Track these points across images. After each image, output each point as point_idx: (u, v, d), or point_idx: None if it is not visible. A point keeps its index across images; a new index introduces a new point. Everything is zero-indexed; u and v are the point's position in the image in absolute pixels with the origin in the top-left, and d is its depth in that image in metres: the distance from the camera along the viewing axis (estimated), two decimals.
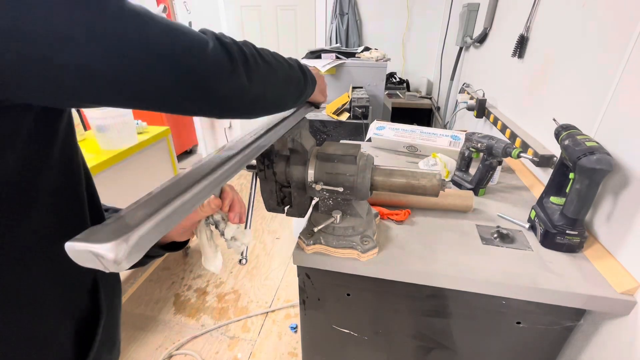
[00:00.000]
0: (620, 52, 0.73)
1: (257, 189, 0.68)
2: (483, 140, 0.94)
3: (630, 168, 0.67)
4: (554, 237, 0.73)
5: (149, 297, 1.89)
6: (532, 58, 1.22)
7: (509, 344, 0.77)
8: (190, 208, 0.33)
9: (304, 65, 0.58)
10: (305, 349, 0.95)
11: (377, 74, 2.28)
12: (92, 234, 0.25)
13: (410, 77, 3.17)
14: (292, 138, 0.65)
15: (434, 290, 0.72)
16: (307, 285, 0.82)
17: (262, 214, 2.68)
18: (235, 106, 0.40)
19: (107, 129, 1.54)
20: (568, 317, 0.69)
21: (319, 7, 3.05)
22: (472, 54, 2.06)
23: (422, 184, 0.68)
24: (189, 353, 1.57)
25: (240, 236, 0.54)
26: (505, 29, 1.53)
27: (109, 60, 0.27)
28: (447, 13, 2.59)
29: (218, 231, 0.53)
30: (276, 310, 1.81)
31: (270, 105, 0.49)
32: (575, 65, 0.93)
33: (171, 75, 0.31)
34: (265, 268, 2.13)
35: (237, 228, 0.54)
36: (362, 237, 0.72)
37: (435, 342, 0.82)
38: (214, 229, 0.53)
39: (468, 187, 0.98)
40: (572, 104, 0.93)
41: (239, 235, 0.54)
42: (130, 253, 0.25)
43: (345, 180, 0.68)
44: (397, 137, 1.27)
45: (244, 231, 0.55)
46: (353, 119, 2.03)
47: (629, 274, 0.65)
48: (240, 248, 0.55)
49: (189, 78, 0.33)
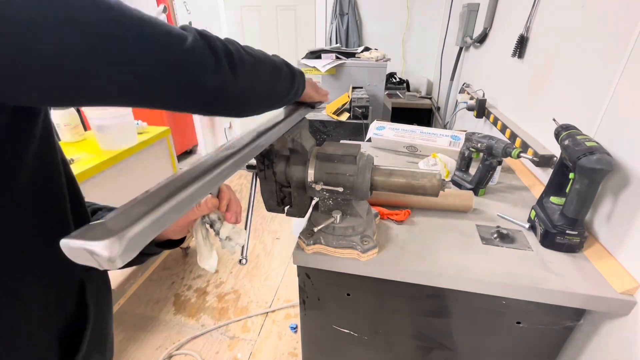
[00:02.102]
0: (620, 52, 0.73)
1: (257, 189, 0.68)
2: (483, 140, 0.94)
3: (630, 168, 0.67)
4: (554, 237, 0.73)
5: (149, 297, 1.89)
6: (532, 58, 1.22)
7: (509, 344, 0.77)
8: (187, 207, 0.33)
9: (289, 63, 0.56)
10: (305, 349, 0.95)
11: (377, 74, 2.27)
12: (87, 231, 0.25)
13: (410, 77, 3.17)
14: (292, 138, 0.65)
15: (434, 290, 0.72)
16: (307, 285, 0.82)
17: (262, 214, 2.68)
18: (220, 102, 0.39)
19: (107, 129, 1.54)
20: (568, 317, 0.69)
21: (319, 7, 3.05)
22: (472, 54, 2.06)
23: (422, 184, 0.68)
24: (189, 353, 1.57)
25: (235, 236, 0.54)
26: (505, 29, 1.53)
27: (82, 51, 0.26)
28: (447, 13, 2.59)
29: (213, 231, 0.53)
30: (276, 310, 1.81)
31: (259, 101, 0.48)
32: (575, 65, 0.93)
33: (151, 67, 0.30)
34: (265, 268, 2.13)
35: (232, 228, 0.54)
36: (362, 237, 0.72)
37: (435, 342, 0.82)
38: (210, 229, 0.53)
39: (468, 187, 0.98)
40: (572, 104, 0.93)
41: (234, 235, 0.54)
42: (125, 251, 0.25)
43: (345, 180, 0.68)
44: (397, 137, 1.27)
45: (239, 231, 0.55)
46: (353, 119, 2.03)
47: (628, 274, 0.65)
48: (235, 248, 0.55)
49: (168, 71, 0.32)
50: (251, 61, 0.43)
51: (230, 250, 0.54)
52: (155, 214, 0.28)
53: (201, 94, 0.36)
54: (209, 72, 0.35)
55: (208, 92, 0.36)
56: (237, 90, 0.40)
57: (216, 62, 0.36)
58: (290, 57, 3.17)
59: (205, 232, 0.53)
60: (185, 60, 0.33)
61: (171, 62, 0.32)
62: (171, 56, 0.32)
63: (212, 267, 0.53)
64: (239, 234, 0.55)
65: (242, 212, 0.55)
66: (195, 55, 0.33)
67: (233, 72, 0.38)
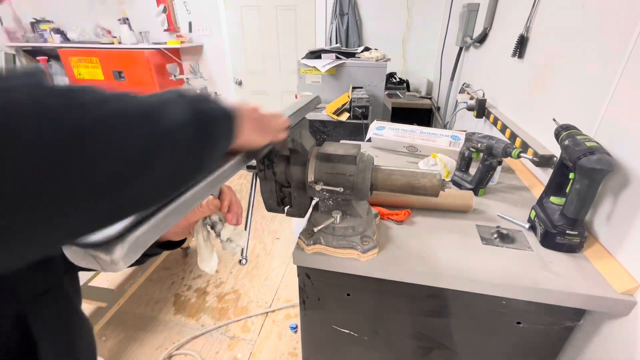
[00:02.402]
0: (620, 52, 0.73)
1: (257, 189, 0.68)
2: (483, 140, 0.94)
3: (630, 168, 0.67)
4: (554, 237, 0.73)
5: (149, 297, 1.89)
6: (532, 58, 1.22)
7: (509, 344, 0.77)
8: (188, 209, 0.33)
9: (193, 96, 0.32)
10: (305, 349, 0.95)
11: (377, 74, 2.28)
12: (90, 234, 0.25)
13: (410, 77, 3.17)
14: (292, 138, 0.65)
15: (434, 290, 0.72)
16: (307, 285, 0.82)
17: (262, 214, 2.68)
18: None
19: None
20: (568, 317, 0.69)
21: (319, 7, 3.05)
22: (472, 54, 2.06)
23: (422, 184, 0.68)
24: (189, 353, 1.57)
25: (236, 238, 0.54)
26: (505, 29, 1.53)
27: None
28: (447, 13, 2.59)
29: (214, 232, 0.53)
30: (276, 310, 1.81)
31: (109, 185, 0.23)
32: (575, 65, 0.93)
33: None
34: (265, 268, 2.13)
35: (233, 230, 0.54)
36: (362, 237, 0.72)
37: (435, 342, 0.82)
38: (211, 230, 0.53)
39: (468, 187, 0.98)
40: (572, 104, 0.93)
41: (235, 237, 0.54)
42: (127, 254, 0.25)
43: (345, 180, 0.68)
44: (397, 137, 1.27)
45: (240, 233, 0.55)
46: (353, 119, 2.03)
47: (629, 274, 0.65)
48: (235, 250, 0.55)
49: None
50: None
51: (231, 251, 0.54)
52: (157, 217, 0.28)
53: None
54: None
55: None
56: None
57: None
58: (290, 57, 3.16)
59: (207, 234, 0.53)
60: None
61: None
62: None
63: (212, 269, 0.53)
64: (239, 236, 0.55)
65: (242, 213, 0.55)
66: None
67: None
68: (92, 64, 3.20)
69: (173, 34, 3.26)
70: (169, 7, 3.19)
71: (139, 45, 3.21)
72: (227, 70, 3.52)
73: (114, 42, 3.27)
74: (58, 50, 3.23)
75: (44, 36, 3.42)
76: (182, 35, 3.28)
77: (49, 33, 3.39)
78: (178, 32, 3.31)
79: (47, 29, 3.39)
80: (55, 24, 3.47)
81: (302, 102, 0.70)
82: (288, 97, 3.54)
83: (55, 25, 3.46)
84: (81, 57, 3.19)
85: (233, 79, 3.55)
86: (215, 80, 3.58)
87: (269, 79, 3.51)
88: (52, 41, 3.38)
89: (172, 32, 3.26)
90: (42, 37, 3.42)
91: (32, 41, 3.45)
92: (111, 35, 3.38)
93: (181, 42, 3.15)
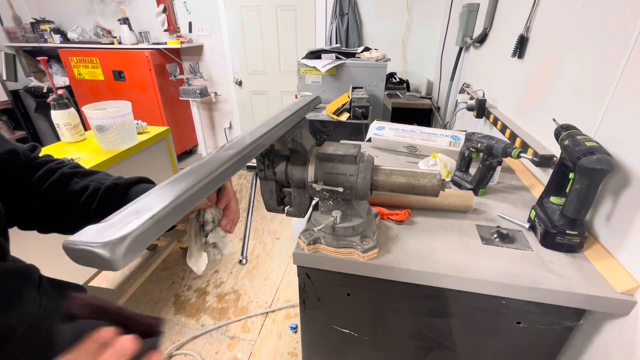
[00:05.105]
0: (619, 52, 0.73)
1: (257, 189, 0.68)
2: (483, 140, 0.94)
3: (630, 168, 0.67)
4: (554, 237, 0.73)
5: (149, 297, 1.89)
6: (532, 58, 1.22)
7: (509, 344, 0.77)
8: (187, 209, 0.33)
9: None
10: (305, 349, 0.95)
11: (377, 74, 2.27)
12: (89, 233, 0.25)
13: (410, 77, 3.17)
14: (292, 138, 0.65)
15: (434, 290, 0.72)
16: (307, 285, 0.82)
17: (262, 214, 2.68)
18: None
19: (107, 129, 1.54)
20: (568, 317, 0.69)
21: (319, 7, 3.05)
22: (472, 54, 2.06)
23: (422, 184, 0.68)
24: (189, 353, 1.57)
25: (220, 245, 0.53)
26: (505, 29, 1.53)
27: None
28: (447, 13, 2.59)
29: (203, 231, 0.52)
30: (276, 310, 1.81)
31: None
32: (575, 66, 0.93)
33: None
34: (265, 268, 2.13)
35: (222, 236, 0.53)
36: (362, 237, 0.72)
37: (435, 342, 0.82)
38: (200, 228, 0.52)
39: (468, 187, 0.98)
40: (572, 104, 0.93)
41: (220, 243, 0.53)
42: (127, 253, 0.25)
43: (345, 180, 0.68)
44: (397, 137, 1.27)
45: (226, 243, 0.54)
46: (353, 119, 2.03)
47: (629, 274, 0.65)
48: (216, 257, 0.53)
49: None
50: None
51: (212, 257, 0.53)
52: (157, 216, 0.28)
53: None
54: None
55: None
56: None
57: None
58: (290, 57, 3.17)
59: (198, 230, 0.52)
60: None
61: None
62: None
63: (200, 269, 0.52)
64: (225, 245, 0.54)
65: (238, 223, 0.54)
66: None
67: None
68: (92, 64, 3.20)
69: (173, 34, 3.26)
70: (169, 7, 3.19)
71: (139, 46, 3.21)
72: (227, 70, 3.52)
73: (114, 42, 3.27)
74: (58, 50, 3.23)
75: (44, 36, 3.42)
76: (182, 35, 3.28)
77: (49, 33, 3.39)
78: (178, 32, 3.31)
79: (47, 29, 3.39)
80: (55, 24, 3.47)
81: (302, 102, 0.70)
82: (288, 97, 3.54)
83: (55, 25, 3.46)
84: (81, 57, 3.19)
85: (233, 79, 3.55)
86: (215, 80, 3.58)
87: (269, 79, 3.51)
88: (52, 41, 3.38)
89: (172, 32, 3.26)
90: (42, 37, 3.42)
91: (32, 41, 3.45)
92: (111, 36, 3.38)
93: (181, 42, 3.15)
